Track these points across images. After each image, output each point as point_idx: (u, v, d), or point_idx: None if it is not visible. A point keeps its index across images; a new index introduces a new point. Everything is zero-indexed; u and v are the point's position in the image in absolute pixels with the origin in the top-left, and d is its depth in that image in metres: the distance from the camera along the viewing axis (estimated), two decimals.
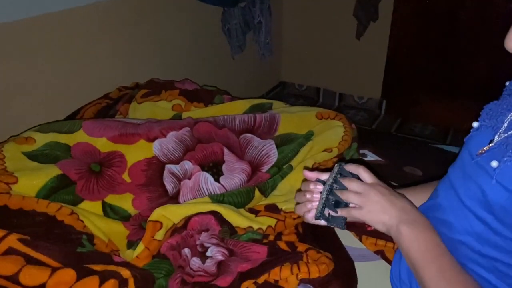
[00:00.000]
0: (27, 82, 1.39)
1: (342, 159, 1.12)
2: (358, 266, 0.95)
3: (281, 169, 1.18)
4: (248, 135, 1.26)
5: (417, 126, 2.69)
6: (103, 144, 1.11)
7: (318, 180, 0.81)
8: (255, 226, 1.02)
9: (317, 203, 0.79)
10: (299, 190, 0.86)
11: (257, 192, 1.11)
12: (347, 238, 1.02)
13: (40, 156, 1.02)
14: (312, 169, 0.85)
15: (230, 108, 1.40)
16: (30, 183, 0.93)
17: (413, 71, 2.63)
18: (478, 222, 0.66)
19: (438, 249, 0.68)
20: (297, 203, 0.86)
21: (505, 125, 0.66)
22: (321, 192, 0.79)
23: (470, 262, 0.68)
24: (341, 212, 0.77)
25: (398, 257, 0.84)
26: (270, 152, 1.22)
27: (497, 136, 0.66)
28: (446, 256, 0.68)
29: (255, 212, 1.07)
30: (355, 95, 2.90)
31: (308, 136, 1.26)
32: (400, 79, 2.69)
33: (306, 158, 1.19)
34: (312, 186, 0.81)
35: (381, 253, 0.96)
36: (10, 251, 0.76)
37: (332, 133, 1.25)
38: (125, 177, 1.08)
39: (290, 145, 1.24)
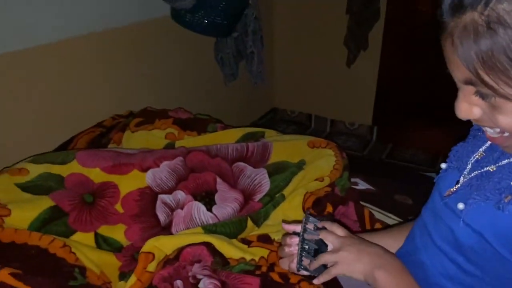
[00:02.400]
0: (22, 111, 1.40)
1: (308, 209, 1.13)
2: None
3: (273, 198, 1.19)
4: (241, 163, 1.27)
5: (408, 152, 2.72)
6: (96, 175, 1.11)
7: (294, 232, 0.83)
8: (248, 257, 1.02)
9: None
10: (281, 244, 0.88)
11: (249, 222, 1.11)
12: None
13: (33, 188, 1.02)
14: (289, 222, 0.89)
15: (223, 136, 1.42)
16: (23, 215, 0.93)
17: (403, 97, 2.68)
18: (451, 264, 0.67)
19: None
20: (281, 258, 0.88)
21: (469, 166, 0.68)
22: (297, 244, 0.81)
23: None
24: (322, 277, 0.78)
25: None
26: (262, 181, 1.23)
27: (462, 177, 0.68)
28: None
29: (247, 242, 1.08)
30: (346, 121, 2.94)
31: (300, 165, 1.27)
32: (391, 105, 2.73)
33: (298, 187, 1.20)
34: (288, 240, 0.83)
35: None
36: (1, 286, 0.76)
37: (324, 162, 1.26)
38: (118, 207, 1.09)
39: (282, 174, 1.25)
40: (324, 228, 0.81)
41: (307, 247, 0.79)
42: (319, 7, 2.68)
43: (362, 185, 1.34)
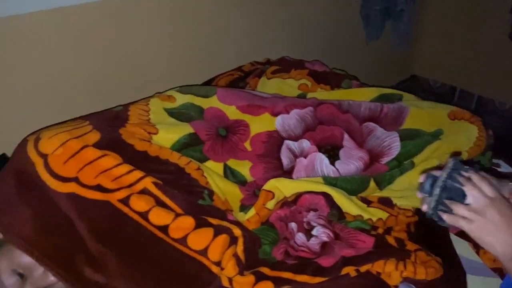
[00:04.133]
0: (169, 49, 1.51)
1: (457, 154, 1.02)
2: (470, 278, 0.89)
3: (402, 164, 1.14)
4: (372, 124, 1.23)
5: None
6: (231, 112, 1.18)
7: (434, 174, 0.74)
8: (365, 216, 1.01)
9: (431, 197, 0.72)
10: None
11: (372, 183, 1.09)
12: (462, 248, 0.96)
13: (178, 114, 1.13)
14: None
15: (357, 94, 1.38)
16: (167, 136, 1.04)
17: None
18: None
19: None
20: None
21: None
22: (432, 188, 0.72)
23: None
24: (447, 218, 0.70)
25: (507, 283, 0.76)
26: (392, 144, 1.18)
27: None
28: None
29: (367, 202, 1.06)
30: (496, 100, 2.62)
31: (437, 135, 1.19)
32: None
33: (430, 157, 1.13)
34: (421, 178, 0.74)
35: (499, 271, 0.89)
36: (144, 191, 0.87)
37: (464, 136, 1.16)
38: (247, 145, 1.15)
39: (415, 140, 1.18)
40: (469, 180, 0.70)
41: (444, 194, 0.71)
42: None
43: (505, 168, 1.21)
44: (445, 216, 0.71)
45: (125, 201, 0.85)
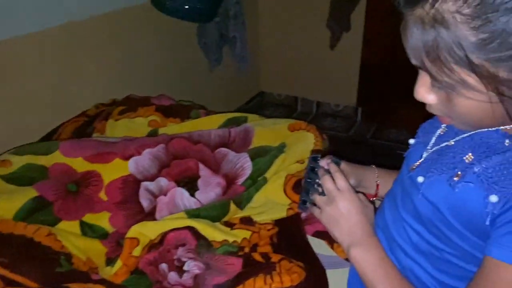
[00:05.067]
0: (5, 102, 1.40)
1: (317, 151, 1.16)
2: (330, 273, 0.99)
3: (256, 181, 1.22)
4: (223, 149, 1.29)
5: (392, 131, 2.76)
6: (79, 164, 1.13)
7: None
8: (231, 239, 1.05)
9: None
10: None
11: (232, 205, 1.14)
12: (319, 247, 1.06)
13: (16, 179, 1.04)
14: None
15: (206, 122, 1.43)
16: (7, 206, 0.95)
17: (387, 78, 2.70)
18: (414, 233, 0.70)
19: (386, 267, 0.72)
20: None
21: (433, 141, 0.72)
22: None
23: (409, 270, 0.73)
24: (309, 208, 0.83)
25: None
26: (244, 165, 1.25)
27: (425, 152, 0.72)
28: (393, 273, 0.72)
29: (230, 225, 1.10)
30: (331, 103, 2.97)
31: (281, 148, 1.30)
32: (375, 86, 2.76)
33: (279, 170, 1.23)
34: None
35: None
36: None
37: (304, 145, 1.29)
38: (102, 195, 1.11)
39: (264, 157, 1.27)
40: (327, 172, 0.82)
41: (308, 187, 0.82)
42: None
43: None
44: (308, 206, 0.83)
45: None
